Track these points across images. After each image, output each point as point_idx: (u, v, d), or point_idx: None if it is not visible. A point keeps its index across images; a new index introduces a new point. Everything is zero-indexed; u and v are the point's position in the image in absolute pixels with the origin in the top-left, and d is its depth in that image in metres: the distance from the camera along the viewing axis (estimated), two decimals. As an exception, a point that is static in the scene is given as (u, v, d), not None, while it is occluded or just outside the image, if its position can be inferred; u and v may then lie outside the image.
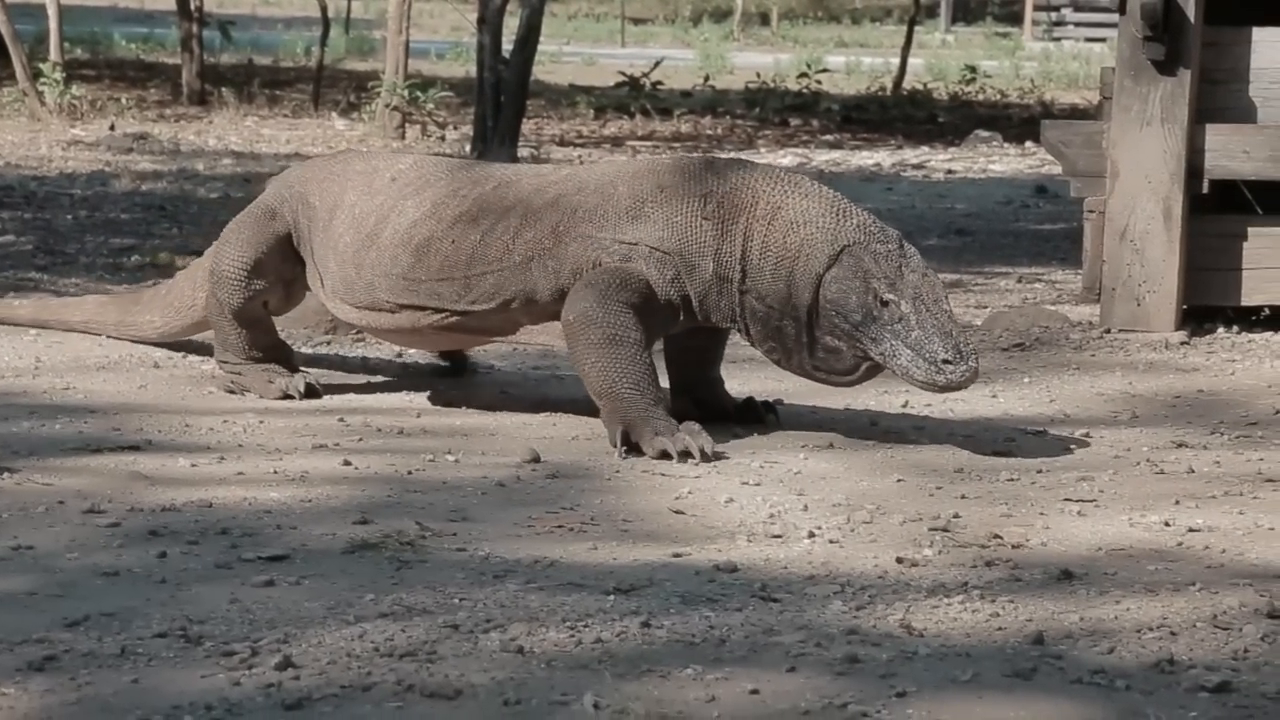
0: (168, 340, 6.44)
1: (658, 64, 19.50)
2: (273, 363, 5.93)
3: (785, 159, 14.78)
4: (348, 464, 4.95)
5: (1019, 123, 18.33)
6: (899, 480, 4.92)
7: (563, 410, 5.67)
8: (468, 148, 13.86)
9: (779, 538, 4.33)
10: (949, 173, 14.31)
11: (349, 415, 5.58)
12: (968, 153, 15.85)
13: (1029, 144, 15.98)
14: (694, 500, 4.66)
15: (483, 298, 5.47)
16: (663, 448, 5.06)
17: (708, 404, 5.57)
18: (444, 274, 5.50)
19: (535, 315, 5.47)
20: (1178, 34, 7.13)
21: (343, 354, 6.61)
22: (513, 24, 13.86)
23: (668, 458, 5.04)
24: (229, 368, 5.93)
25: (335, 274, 5.72)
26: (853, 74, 24.80)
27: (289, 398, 5.81)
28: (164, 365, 6.29)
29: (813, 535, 4.35)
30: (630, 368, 5.17)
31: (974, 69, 22.64)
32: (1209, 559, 4.24)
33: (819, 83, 20.40)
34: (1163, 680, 3.42)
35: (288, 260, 5.88)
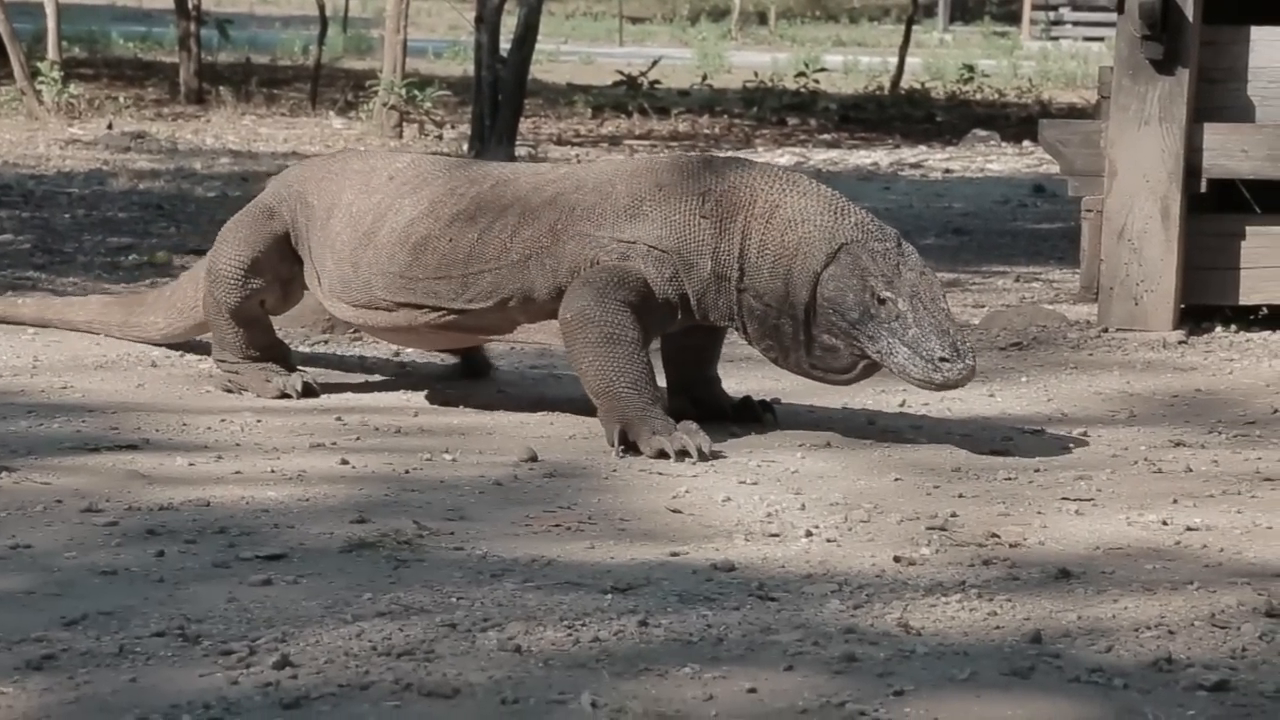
0: (171, 341, 6.44)
1: (655, 63, 19.49)
2: (270, 362, 5.93)
3: (783, 158, 14.78)
4: (345, 463, 4.95)
5: (1017, 122, 18.33)
6: (896, 479, 4.92)
7: (560, 409, 5.67)
8: (465, 146, 13.85)
9: (776, 537, 4.33)
10: (946, 172, 14.31)
11: (346, 414, 5.58)
12: (965, 152, 15.85)
13: (1027, 143, 15.98)
14: (691, 499, 4.66)
15: (480, 296, 5.47)
16: (660, 447, 5.06)
17: (705, 403, 5.57)
18: (441, 272, 5.50)
19: (533, 314, 5.47)
20: (1176, 33, 7.13)
21: (340, 353, 6.61)
22: (510, 23, 13.85)
23: (665, 457, 5.04)
24: (226, 367, 5.93)
25: (332, 272, 5.72)
26: (850, 73, 24.81)
27: (286, 397, 5.81)
28: (161, 364, 6.29)
29: (810, 534, 4.35)
30: (628, 367, 5.17)
31: (972, 68, 22.63)
32: (1207, 558, 4.24)
33: (817, 82, 20.40)
34: (1161, 679, 3.42)
35: (285, 259, 5.88)
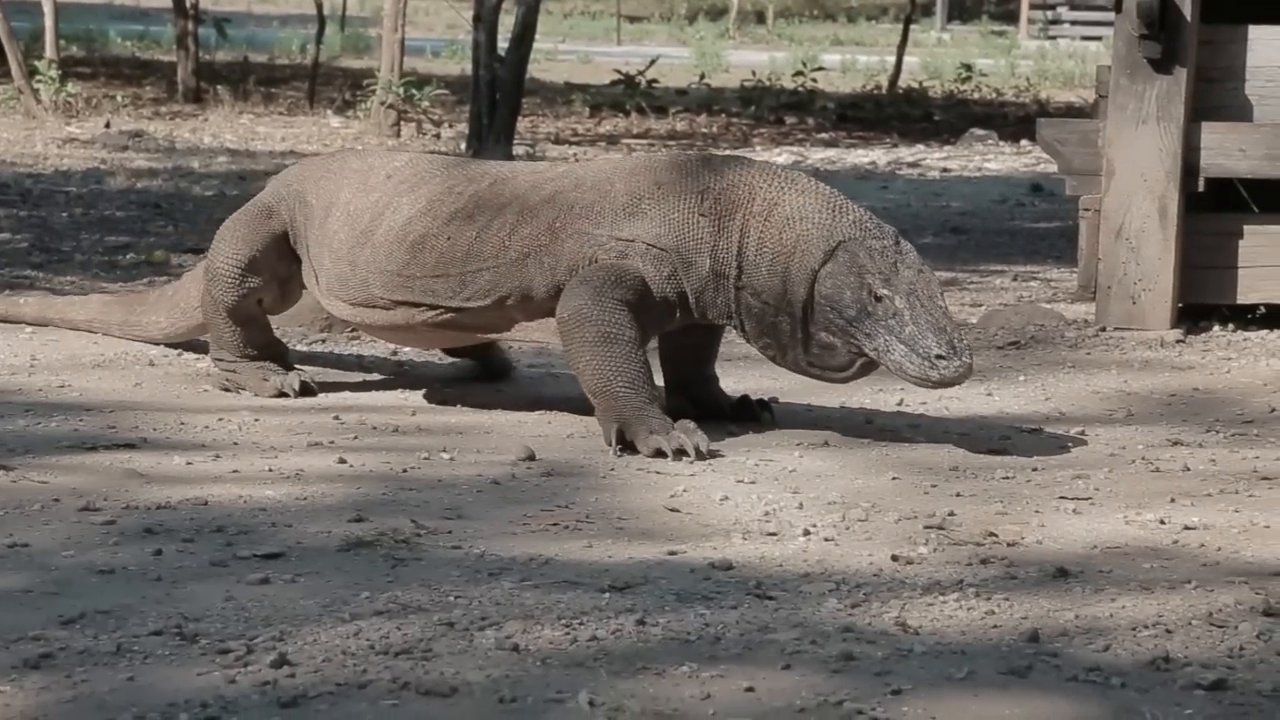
0: (173, 340, 6.44)
1: (653, 62, 19.49)
2: (268, 360, 5.93)
3: (781, 157, 14.78)
4: (343, 462, 4.95)
5: (1014, 121, 18.33)
6: (894, 478, 4.92)
7: (558, 408, 5.67)
8: (463, 145, 13.85)
9: (774, 535, 4.33)
10: (944, 171, 14.31)
11: (344, 413, 5.58)
12: (963, 151, 15.85)
13: (1024, 142, 15.98)
14: (689, 498, 4.66)
15: (478, 294, 5.47)
16: (658, 446, 5.06)
17: (703, 402, 5.57)
18: (439, 270, 5.50)
19: (531, 312, 5.46)
20: (1174, 32, 7.13)
21: (338, 352, 6.61)
22: (508, 22, 13.85)
23: (663, 456, 5.04)
24: (224, 365, 5.93)
25: (330, 271, 5.72)
26: (848, 72, 24.81)
27: (284, 396, 5.81)
28: (159, 363, 6.29)
29: (808, 533, 4.34)
30: (625, 366, 5.17)
31: (970, 67, 22.63)
32: (1204, 557, 4.24)
33: (814, 81, 20.40)
34: (1158, 678, 3.42)
35: (283, 258, 5.88)
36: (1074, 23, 37.55)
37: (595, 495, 4.69)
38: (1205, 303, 7.41)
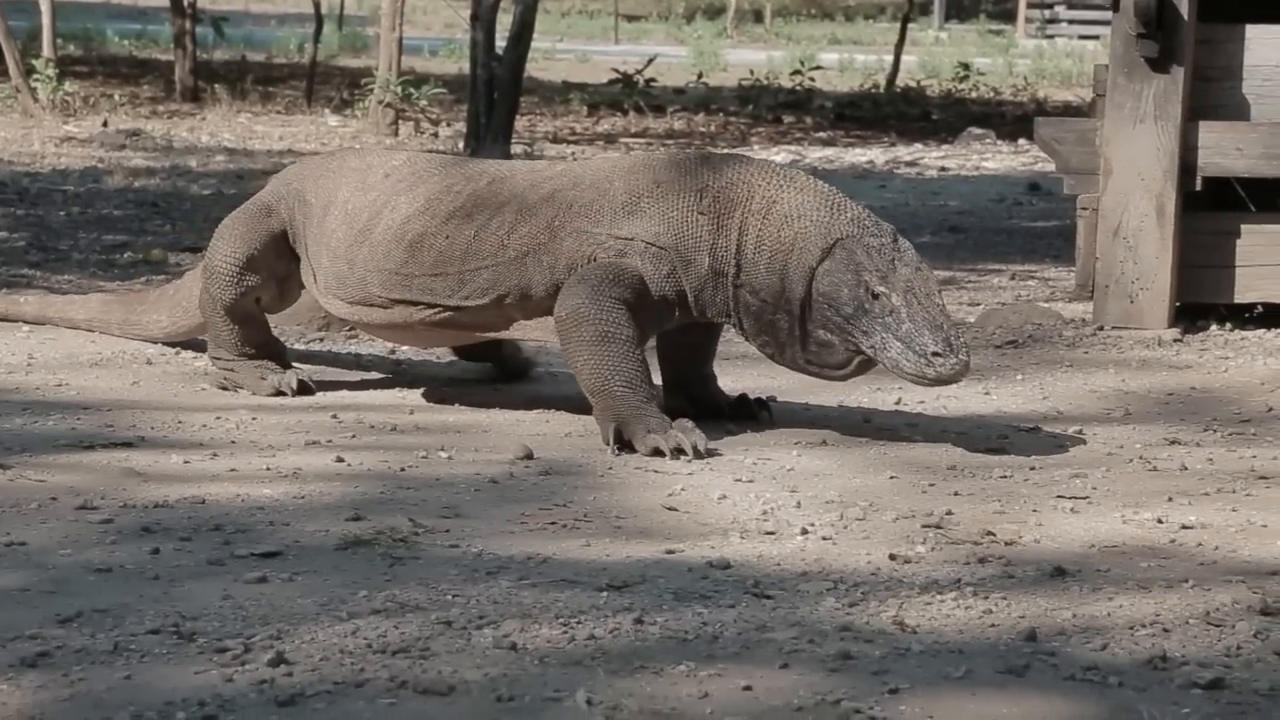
0: (173, 339, 6.44)
1: (651, 61, 19.48)
2: (266, 359, 5.93)
3: (779, 156, 14.77)
4: (340, 460, 4.95)
5: (1012, 120, 18.33)
6: (892, 477, 4.92)
7: (556, 407, 5.67)
8: (461, 144, 13.84)
9: (772, 534, 4.33)
10: (942, 170, 14.31)
11: (342, 412, 5.58)
12: (961, 150, 15.85)
13: (1022, 141, 15.98)
14: (687, 497, 4.66)
15: (476, 293, 5.47)
16: (655, 445, 5.06)
17: (701, 401, 5.57)
18: (437, 269, 5.50)
19: (529, 311, 5.46)
20: (1171, 31, 7.13)
21: (336, 351, 6.61)
22: (506, 21, 13.85)
23: (660, 455, 5.04)
24: (222, 364, 5.93)
25: (328, 269, 5.72)
26: (846, 71, 24.80)
27: (282, 394, 5.81)
28: (157, 362, 6.29)
29: (806, 532, 4.34)
30: (623, 364, 5.17)
31: (967, 66, 22.62)
32: (1202, 556, 4.24)
33: (812, 80, 20.40)
34: (1156, 677, 3.42)
35: (282, 257, 5.88)
36: (1072, 22, 37.53)
37: (593, 494, 4.69)
38: (1203, 302, 7.41)
